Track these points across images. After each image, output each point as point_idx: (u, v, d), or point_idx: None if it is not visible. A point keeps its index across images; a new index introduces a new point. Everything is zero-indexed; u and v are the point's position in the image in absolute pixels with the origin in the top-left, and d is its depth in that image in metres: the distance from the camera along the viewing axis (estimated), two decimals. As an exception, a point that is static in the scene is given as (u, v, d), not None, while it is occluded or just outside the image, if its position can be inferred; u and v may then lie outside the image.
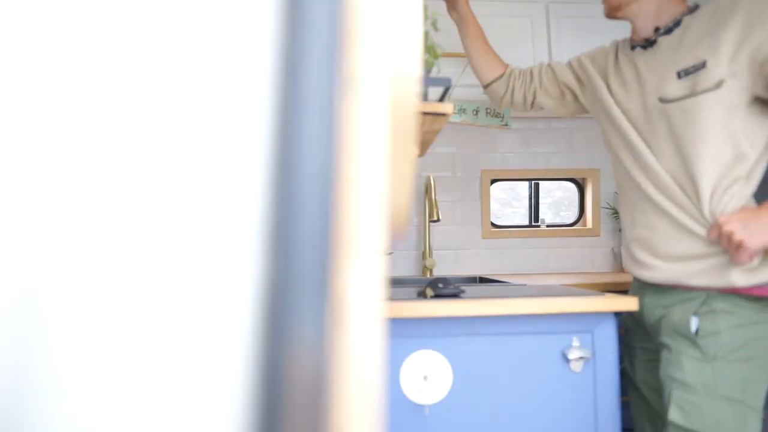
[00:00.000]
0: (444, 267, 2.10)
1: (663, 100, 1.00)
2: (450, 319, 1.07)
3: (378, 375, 0.20)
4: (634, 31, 1.11)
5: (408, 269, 2.10)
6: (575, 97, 1.29)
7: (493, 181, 2.18)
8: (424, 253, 1.98)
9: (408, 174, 0.39)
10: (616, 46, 1.19)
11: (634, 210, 1.11)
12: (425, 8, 1.03)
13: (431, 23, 1.06)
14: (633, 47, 1.11)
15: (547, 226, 2.22)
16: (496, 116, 1.61)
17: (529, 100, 1.35)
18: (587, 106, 1.28)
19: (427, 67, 1.07)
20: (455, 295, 1.17)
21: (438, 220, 1.80)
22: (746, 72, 0.92)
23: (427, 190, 1.87)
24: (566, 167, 2.17)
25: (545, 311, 1.06)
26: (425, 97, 1.06)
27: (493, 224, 2.17)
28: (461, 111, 1.59)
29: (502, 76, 1.36)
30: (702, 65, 0.94)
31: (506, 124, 1.65)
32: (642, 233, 1.08)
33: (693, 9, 1.03)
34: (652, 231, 1.06)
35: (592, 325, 1.10)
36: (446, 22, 1.74)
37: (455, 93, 1.69)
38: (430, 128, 1.12)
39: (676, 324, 1.02)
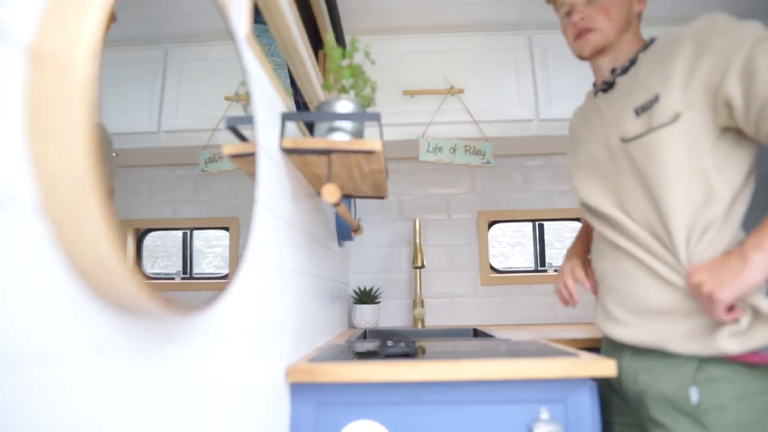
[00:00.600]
0: (438, 317, 1.94)
1: (624, 140, 0.90)
2: (390, 386, 0.93)
3: None
4: (596, 74, 1.02)
5: (399, 319, 1.95)
6: None
7: (492, 223, 2.03)
8: (414, 301, 1.83)
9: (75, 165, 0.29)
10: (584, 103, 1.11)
11: (604, 259, 0.98)
12: (356, 41, 0.96)
13: (364, 55, 0.98)
14: (596, 93, 1.02)
15: (555, 270, 2.02)
16: (476, 153, 1.50)
17: None
18: None
19: (364, 103, 0.99)
20: (408, 355, 1.03)
21: (423, 266, 1.67)
22: (703, 103, 0.80)
23: (415, 234, 1.75)
24: (573, 206, 1.99)
25: (503, 377, 0.90)
26: (360, 134, 0.97)
27: (493, 269, 2.00)
28: (436, 149, 1.49)
29: None
30: (655, 99, 0.84)
31: (488, 162, 1.53)
32: (613, 282, 0.93)
33: (648, 44, 0.94)
34: (625, 280, 0.91)
35: (564, 394, 0.93)
36: (418, 58, 1.68)
37: (430, 131, 1.60)
38: (369, 168, 1.02)
39: (670, 397, 0.84)
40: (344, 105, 0.96)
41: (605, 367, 0.90)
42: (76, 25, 0.29)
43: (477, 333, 1.75)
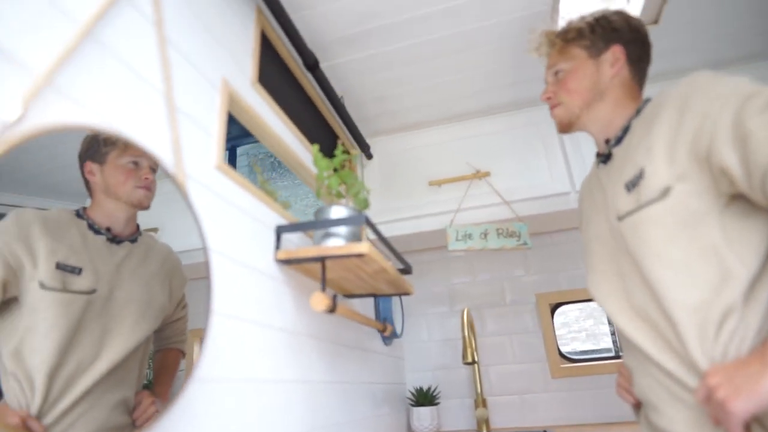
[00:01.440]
0: (506, 415, 1.73)
1: (619, 218, 0.79)
2: None
3: None
4: (596, 145, 0.95)
5: (463, 421, 1.77)
6: None
7: (556, 306, 1.86)
8: (475, 402, 1.67)
9: None
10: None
11: (627, 352, 0.85)
12: (341, 148, 1.00)
13: (355, 161, 1.01)
14: (598, 164, 0.93)
15: (640, 354, 1.75)
16: (510, 236, 1.42)
17: None
18: None
19: (359, 206, 1.01)
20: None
21: (474, 361, 1.53)
22: (696, 172, 0.68)
23: (464, 326, 1.65)
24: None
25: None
26: (357, 237, 0.98)
27: (564, 357, 1.79)
28: (466, 237, 1.43)
29: None
30: (641, 174, 0.74)
31: (525, 243, 1.43)
32: (635, 381, 0.81)
33: (642, 107, 0.84)
34: (638, 381, 0.80)
35: None
36: (441, 148, 1.69)
37: (461, 217, 1.56)
38: (370, 269, 1.00)
39: None
40: (338, 211, 0.99)
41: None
42: None
43: (549, 436, 1.53)
